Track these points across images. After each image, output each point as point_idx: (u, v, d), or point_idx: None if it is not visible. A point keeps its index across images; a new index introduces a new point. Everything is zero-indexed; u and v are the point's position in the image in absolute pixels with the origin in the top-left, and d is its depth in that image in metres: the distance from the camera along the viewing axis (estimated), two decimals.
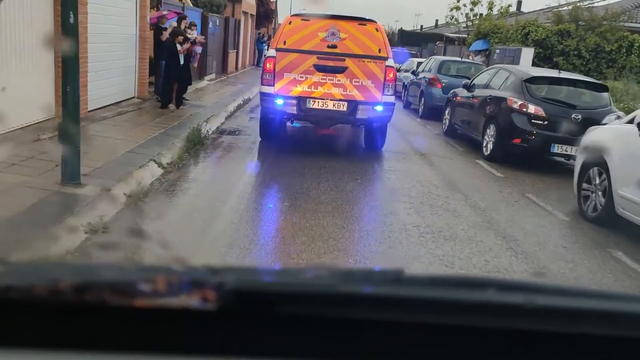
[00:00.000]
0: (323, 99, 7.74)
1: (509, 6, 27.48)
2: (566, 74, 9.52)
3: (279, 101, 7.71)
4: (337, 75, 7.66)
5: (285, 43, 7.72)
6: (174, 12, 11.53)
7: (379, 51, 7.76)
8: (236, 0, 23.49)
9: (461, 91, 10.84)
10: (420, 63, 17.37)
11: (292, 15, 8.34)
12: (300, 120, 8.59)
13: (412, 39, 38.69)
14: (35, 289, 0.69)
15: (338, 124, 8.81)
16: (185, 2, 14.20)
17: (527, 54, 18.40)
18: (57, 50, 6.80)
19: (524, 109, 8.35)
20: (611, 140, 5.70)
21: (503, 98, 8.77)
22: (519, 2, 36.90)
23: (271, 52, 7.89)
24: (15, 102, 6.28)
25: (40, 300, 0.70)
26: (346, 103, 7.74)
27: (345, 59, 7.67)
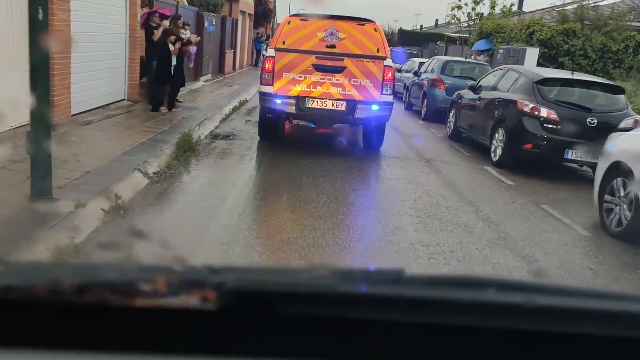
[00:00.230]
0: (322, 99, 7.70)
1: (512, 5, 26.95)
2: (580, 75, 9.03)
3: (278, 101, 7.68)
4: (336, 75, 7.62)
5: (284, 43, 7.70)
6: (167, 10, 10.98)
7: (378, 51, 7.73)
8: None
9: (467, 93, 10.36)
10: (422, 63, 16.87)
11: (291, 15, 8.30)
12: (299, 119, 8.54)
13: (412, 39, 38.10)
14: (35, 289, 0.69)
15: (336, 124, 8.79)
16: (179, 1, 13.69)
17: (532, 54, 17.88)
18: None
19: (536, 113, 7.85)
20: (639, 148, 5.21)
21: (513, 101, 8.28)
22: (520, 1, 36.37)
23: (270, 52, 7.87)
24: None
25: (40, 300, 0.69)
26: (345, 102, 7.70)
27: (343, 59, 7.62)
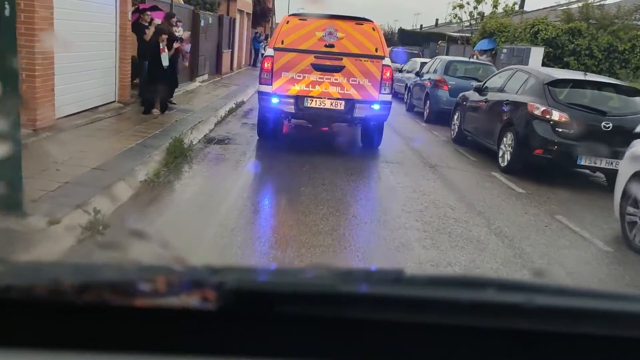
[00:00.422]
0: (320, 98, 7.71)
1: (515, 4, 26.48)
2: (593, 76, 8.58)
3: (277, 100, 7.69)
4: (335, 74, 7.62)
5: (283, 42, 7.70)
6: (160, 14, 10.50)
7: (376, 50, 7.74)
8: None
9: (472, 94, 9.93)
10: (423, 63, 16.44)
11: (290, 14, 8.28)
12: (298, 118, 8.52)
13: (413, 39, 37.66)
14: (35, 289, 0.69)
15: (335, 123, 8.82)
16: None
17: (537, 54, 17.44)
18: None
19: (547, 116, 7.43)
20: None
21: (522, 103, 7.86)
22: (522, 0, 35.94)
23: (269, 52, 7.87)
24: None
25: (40, 300, 0.69)
26: (343, 102, 7.71)
27: (342, 58, 7.62)
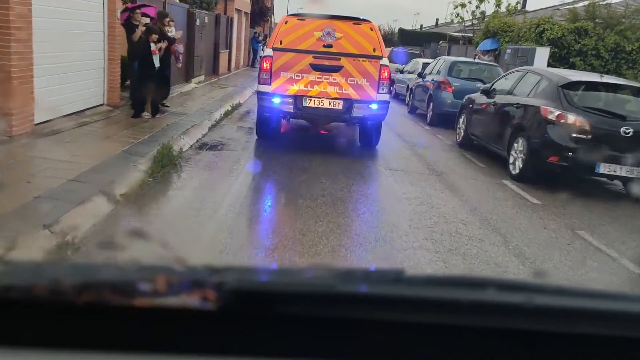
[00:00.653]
0: (319, 98, 7.77)
1: (517, 3, 25.97)
2: (610, 79, 8.08)
3: (276, 100, 7.76)
4: (333, 74, 7.68)
5: (281, 42, 7.75)
6: (151, 10, 10.01)
7: (374, 50, 7.79)
8: None
9: (479, 97, 9.45)
10: (426, 64, 15.95)
11: (289, 15, 8.33)
12: (296, 118, 8.55)
13: (413, 39, 37.16)
14: (35, 289, 0.69)
15: (333, 122, 8.95)
16: None
17: (542, 54, 16.93)
18: None
19: (562, 121, 6.94)
20: None
21: (535, 107, 7.37)
22: (524, 0, 35.48)
23: (268, 52, 7.91)
24: None
25: (40, 300, 0.69)
26: (342, 101, 7.78)
27: (340, 58, 7.68)
